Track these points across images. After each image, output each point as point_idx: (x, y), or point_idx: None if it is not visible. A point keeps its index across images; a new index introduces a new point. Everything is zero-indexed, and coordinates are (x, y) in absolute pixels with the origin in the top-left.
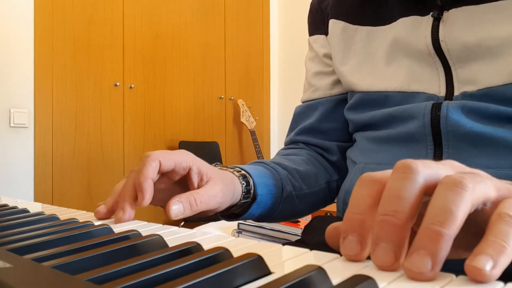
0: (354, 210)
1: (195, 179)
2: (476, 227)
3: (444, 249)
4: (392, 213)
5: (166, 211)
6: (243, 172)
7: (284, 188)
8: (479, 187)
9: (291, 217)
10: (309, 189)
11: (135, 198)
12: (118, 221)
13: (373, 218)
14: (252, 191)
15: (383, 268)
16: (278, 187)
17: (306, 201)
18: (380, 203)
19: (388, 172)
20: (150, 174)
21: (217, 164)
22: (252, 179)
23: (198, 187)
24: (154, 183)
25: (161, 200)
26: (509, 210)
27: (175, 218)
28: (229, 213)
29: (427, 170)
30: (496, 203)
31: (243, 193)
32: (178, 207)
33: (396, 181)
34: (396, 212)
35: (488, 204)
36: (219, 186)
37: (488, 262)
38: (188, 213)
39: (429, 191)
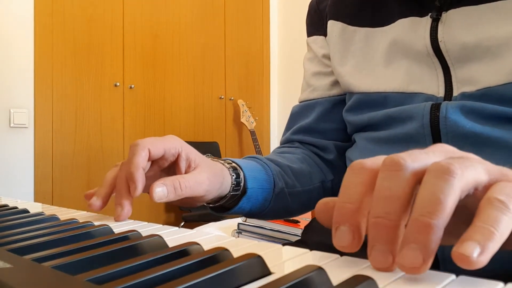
0: (345, 199)
1: (182, 165)
2: (468, 212)
3: (435, 241)
4: (384, 215)
5: (150, 193)
6: (234, 164)
7: (276, 184)
8: (468, 172)
9: (284, 215)
10: (302, 187)
11: (129, 190)
12: (118, 217)
13: (365, 207)
14: (242, 184)
15: (381, 269)
16: (269, 183)
17: (299, 199)
18: (372, 205)
19: (378, 159)
20: (141, 163)
21: (208, 155)
22: (243, 172)
23: (186, 174)
24: None
25: (149, 187)
26: (498, 194)
27: (159, 201)
28: (218, 206)
29: (415, 163)
30: (488, 187)
31: (233, 185)
32: (162, 189)
33: (385, 180)
34: (388, 214)
35: (479, 188)
36: (206, 173)
37: (476, 249)
38: (172, 197)
39: (420, 181)
